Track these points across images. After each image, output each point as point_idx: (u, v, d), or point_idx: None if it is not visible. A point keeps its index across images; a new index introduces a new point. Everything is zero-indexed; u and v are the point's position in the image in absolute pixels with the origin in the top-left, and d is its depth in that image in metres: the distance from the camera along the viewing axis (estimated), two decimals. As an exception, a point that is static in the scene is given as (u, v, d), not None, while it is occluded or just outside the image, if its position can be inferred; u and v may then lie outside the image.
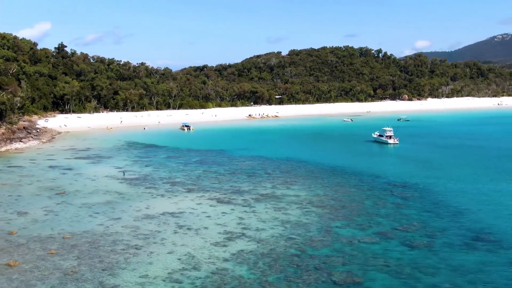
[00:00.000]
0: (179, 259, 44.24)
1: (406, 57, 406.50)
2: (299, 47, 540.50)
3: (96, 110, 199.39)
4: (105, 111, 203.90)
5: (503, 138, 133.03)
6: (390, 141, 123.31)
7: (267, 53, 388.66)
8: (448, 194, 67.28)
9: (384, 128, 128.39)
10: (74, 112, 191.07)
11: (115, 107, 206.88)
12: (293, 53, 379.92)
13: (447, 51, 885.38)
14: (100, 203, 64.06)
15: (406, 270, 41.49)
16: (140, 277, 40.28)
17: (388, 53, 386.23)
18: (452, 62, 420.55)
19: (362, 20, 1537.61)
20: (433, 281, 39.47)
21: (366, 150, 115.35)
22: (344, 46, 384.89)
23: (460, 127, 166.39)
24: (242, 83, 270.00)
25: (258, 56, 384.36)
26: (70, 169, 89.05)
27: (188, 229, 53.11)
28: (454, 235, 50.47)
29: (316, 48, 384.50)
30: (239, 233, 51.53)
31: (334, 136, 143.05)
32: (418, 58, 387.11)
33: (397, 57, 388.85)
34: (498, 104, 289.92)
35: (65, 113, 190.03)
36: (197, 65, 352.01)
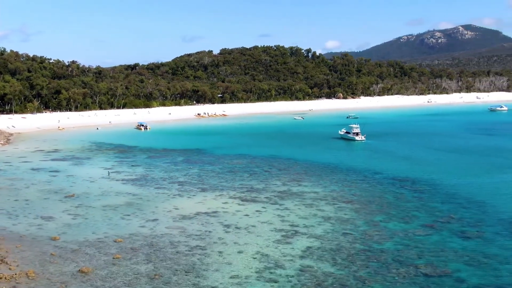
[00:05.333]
0: (254, 258, 43.67)
1: (334, 56, 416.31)
2: (215, 47, 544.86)
3: (38, 110, 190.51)
4: (47, 111, 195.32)
5: (461, 134, 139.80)
6: (357, 138, 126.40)
7: (198, 52, 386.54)
8: (458, 187, 70.04)
9: (351, 125, 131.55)
10: (16, 112, 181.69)
11: (58, 107, 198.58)
12: (225, 52, 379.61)
13: (355, 51, 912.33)
14: (121, 205, 61.92)
15: (481, 259, 42.96)
16: (230, 278, 39.47)
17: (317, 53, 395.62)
18: (375, 61, 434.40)
19: (275, 21, 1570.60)
20: (512, 269, 41.11)
21: (340, 146, 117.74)
22: (275, 46, 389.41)
23: (412, 124, 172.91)
24: (184, 82, 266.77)
25: (189, 55, 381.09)
26: (56, 171, 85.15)
27: (237, 228, 52.44)
28: (496, 224, 52.81)
29: (248, 47, 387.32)
30: (291, 230, 51.45)
31: (299, 134, 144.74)
32: (345, 58, 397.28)
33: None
34: (428, 102, 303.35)
35: (6, 113, 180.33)
36: (109, 65, 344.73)
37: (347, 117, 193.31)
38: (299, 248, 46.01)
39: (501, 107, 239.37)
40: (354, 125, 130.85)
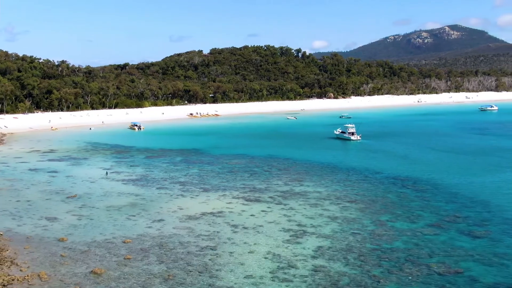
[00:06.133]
0: (266, 258, 43.67)
1: (323, 56, 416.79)
2: (202, 46, 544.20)
3: (30, 110, 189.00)
4: (38, 111, 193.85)
5: (455, 134, 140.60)
6: (353, 137, 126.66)
7: (188, 51, 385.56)
8: (460, 186, 70.45)
9: (346, 125, 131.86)
10: (7, 112, 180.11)
11: (49, 107, 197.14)
12: (215, 51, 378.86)
13: (343, 51, 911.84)
14: (125, 206, 61.64)
15: (491, 258, 43.25)
16: (245, 278, 39.44)
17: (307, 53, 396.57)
18: (364, 61, 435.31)
19: (263, 20, 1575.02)
20: (523, 267, 41.37)
21: (337, 146, 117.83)
22: (265, 46, 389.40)
23: (405, 123, 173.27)
24: (176, 81, 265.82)
25: (179, 55, 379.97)
26: (55, 171, 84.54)
27: (244, 228, 52.40)
28: (502, 223, 53.25)
29: (238, 47, 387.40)
30: (299, 230, 51.48)
31: (293, 134, 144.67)
32: (335, 58, 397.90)
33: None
34: (418, 102, 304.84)
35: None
36: (96, 64, 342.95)
37: (340, 117, 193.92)
38: (309, 247, 46.03)
39: (492, 106, 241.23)
40: (349, 125, 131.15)
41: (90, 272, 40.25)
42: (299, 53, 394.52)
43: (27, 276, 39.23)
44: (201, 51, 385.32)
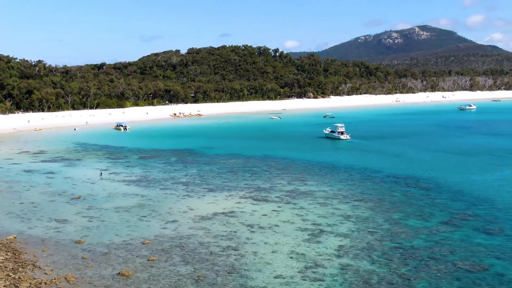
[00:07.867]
0: (291, 257, 43.65)
1: (301, 56, 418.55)
2: (176, 46, 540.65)
3: (10, 111, 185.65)
4: (19, 112, 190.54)
5: (443, 133, 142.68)
6: (342, 137, 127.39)
7: (165, 51, 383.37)
8: (462, 185, 71.35)
9: (336, 124, 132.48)
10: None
11: (30, 107, 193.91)
12: (192, 51, 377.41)
13: (314, 51, 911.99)
14: (133, 207, 61.07)
15: (511, 254, 43.82)
16: (275, 277, 39.36)
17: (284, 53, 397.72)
18: (340, 61, 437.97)
19: (234, 20, 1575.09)
20: (545, 263, 42.13)
21: (328, 146, 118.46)
22: (243, 45, 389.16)
23: (390, 123, 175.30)
24: (156, 81, 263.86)
25: (156, 54, 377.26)
26: (51, 173, 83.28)
27: (261, 227, 52.33)
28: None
29: (216, 46, 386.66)
30: (316, 229, 51.58)
31: (282, 134, 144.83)
32: (312, 58, 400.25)
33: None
34: (396, 101, 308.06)
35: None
36: (66, 64, 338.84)
37: (324, 117, 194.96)
38: (331, 247, 46.12)
39: (470, 106, 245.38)
40: (339, 124, 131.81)
41: (118, 274, 39.70)
42: (277, 53, 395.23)
43: (54, 279, 38.58)
44: (179, 50, 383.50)
